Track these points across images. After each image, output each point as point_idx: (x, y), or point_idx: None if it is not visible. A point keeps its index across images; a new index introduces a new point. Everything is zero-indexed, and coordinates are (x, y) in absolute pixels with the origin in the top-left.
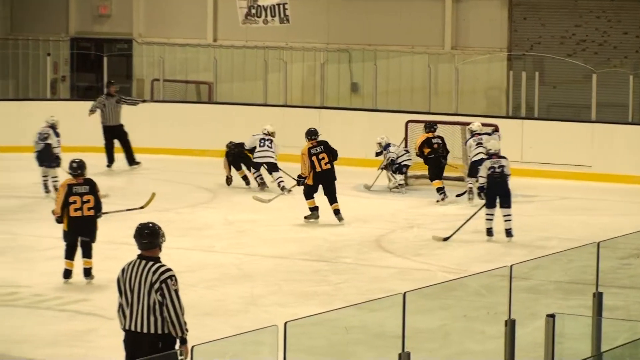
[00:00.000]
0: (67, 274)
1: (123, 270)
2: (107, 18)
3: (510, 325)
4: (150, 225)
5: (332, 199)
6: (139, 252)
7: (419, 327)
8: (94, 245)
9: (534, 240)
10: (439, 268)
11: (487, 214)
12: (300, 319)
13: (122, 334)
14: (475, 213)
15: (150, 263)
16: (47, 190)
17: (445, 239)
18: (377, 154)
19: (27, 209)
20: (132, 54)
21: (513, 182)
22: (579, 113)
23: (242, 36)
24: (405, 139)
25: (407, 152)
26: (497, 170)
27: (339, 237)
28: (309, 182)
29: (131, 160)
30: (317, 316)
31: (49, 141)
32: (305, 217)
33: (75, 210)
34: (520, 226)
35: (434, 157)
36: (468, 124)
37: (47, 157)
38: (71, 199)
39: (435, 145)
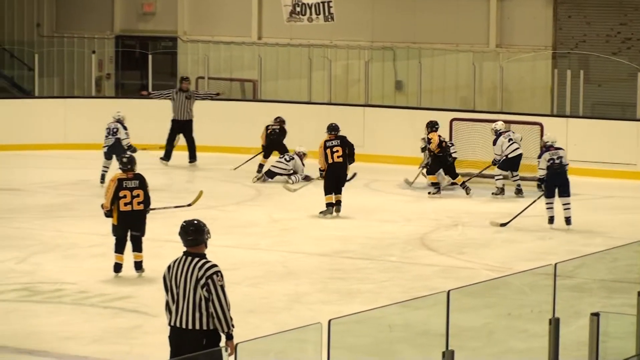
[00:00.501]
0: (118, 267)
1: (169, 267)
2: (152, 16)
3: (555, 323)
4: (195, 222)
5: (337, 190)
6: (183, 249)
7: (462, 325)
8: None
9: (579, 239)
10: (482, 266)
11: (547, 203)
12: (344, 316)
13: (166, 331)
14: (533, 201)
15: (196, 259)
16: (102, 181)
17: (503, 225)
18: (423, 149)
19: (72, 206)
20: (176, 51)
21: None
22: (624, 111)
23: (287, 34)
24: (450, 137)
25: (452, 144)
26: (557, 161)
27: (383, 235)
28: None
29: (192, 157)
30: (361, 314)
31: (118, 135)
32: (320, 212)
33: (125, 204)
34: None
35: (443, 155)
36: (513, 122)
37: (118, 151)
38: (121, 193)
39: (444, 144)
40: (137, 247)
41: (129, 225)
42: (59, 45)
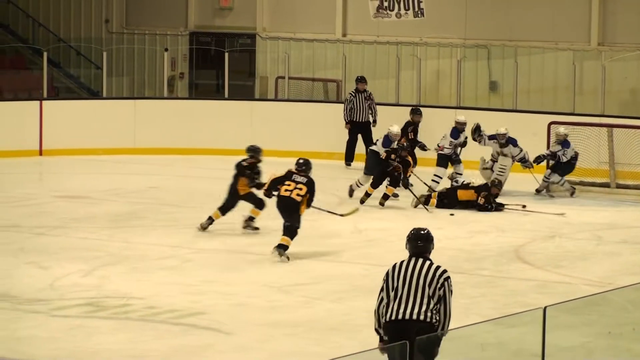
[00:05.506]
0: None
1: (395, 267)
2: (229, 11)
3: None
4: (424, 231)
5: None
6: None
7: (560, 344)
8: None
9: None
10: (581, 281)
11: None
12: (432, 335)
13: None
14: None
15: (428, 262)
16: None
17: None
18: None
19: (140, 215)
20: (255, 49)
21: None
22: None
23: (373, 31)
24: (548, 142)
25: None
26: None
27: (476, 248)
28: None
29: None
30: (451, 332)
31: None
32: None
33: (286, 190)
34: None
35: None
36: (616, 126)
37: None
38: (287, 182)
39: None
40: (287, 234)
41: (280, 209)
42: (129, 43)
